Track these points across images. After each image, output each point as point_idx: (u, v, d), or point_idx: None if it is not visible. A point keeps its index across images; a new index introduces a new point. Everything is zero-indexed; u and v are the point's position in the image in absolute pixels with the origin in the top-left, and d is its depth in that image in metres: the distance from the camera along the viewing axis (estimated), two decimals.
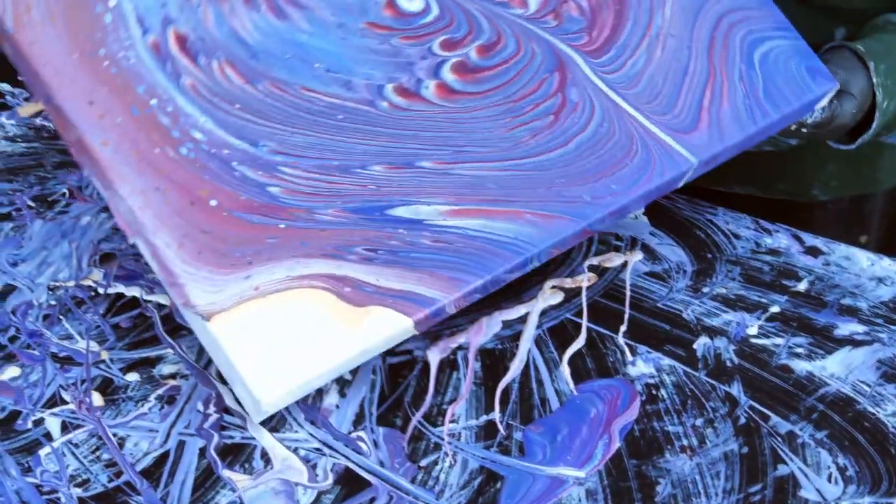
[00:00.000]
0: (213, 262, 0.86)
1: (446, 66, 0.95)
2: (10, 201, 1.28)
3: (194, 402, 0.99)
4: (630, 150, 0.98)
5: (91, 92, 0.84)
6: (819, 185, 1.43)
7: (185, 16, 0.88)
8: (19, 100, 1.50)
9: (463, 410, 0.99)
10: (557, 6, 0.99)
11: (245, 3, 0.89)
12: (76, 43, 0.85)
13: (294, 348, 0.86)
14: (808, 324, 1.08)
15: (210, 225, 0.86)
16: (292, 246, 0.88)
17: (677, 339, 1.06)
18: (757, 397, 1.00)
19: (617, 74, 1.00)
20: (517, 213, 0.94)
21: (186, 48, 0.88)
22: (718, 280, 1.14)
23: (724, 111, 1.02)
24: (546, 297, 1.11)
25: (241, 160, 0.88)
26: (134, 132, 0.85)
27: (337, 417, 0.98)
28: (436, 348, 1.04)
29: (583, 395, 1.00)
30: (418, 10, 0.94)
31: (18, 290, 1.14)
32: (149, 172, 0.85)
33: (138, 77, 0.86)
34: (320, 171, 0.90)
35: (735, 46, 1.04)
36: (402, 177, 0.92)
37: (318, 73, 0.91)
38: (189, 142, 0.86)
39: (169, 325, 1.08)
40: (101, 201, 1.28)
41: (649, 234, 1.21)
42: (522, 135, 0.96)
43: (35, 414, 0.99)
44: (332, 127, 0.91)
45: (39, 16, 0.84)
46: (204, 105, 0.87)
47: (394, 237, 0.91)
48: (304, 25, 0.91)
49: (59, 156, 1.38)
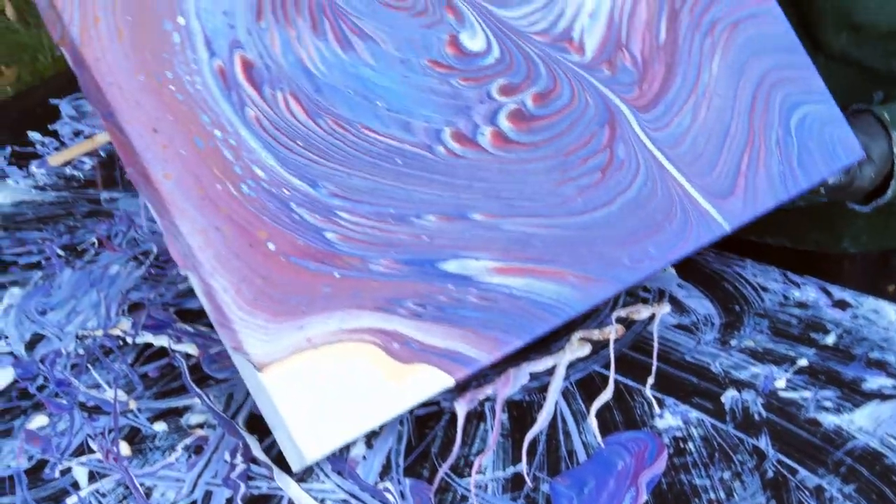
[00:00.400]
0: (268, 310, 0.85)
1: (503, 112, 0.95)
2: (39, 250, 1.29)
3: (221, 452, 0.99)
4: (670, 214, 0.99)
5: (156, 119, 0.83)
6: (849, 237, 1.43)
7: (253, 40, 0.87)
8: (49, 149, 1.51)
9: (490, 462, 0.99)
10: (612, 55, 0.99)
11: (312, 30, 0.89)
12: (143, 63, 0.83)
13: (341, 404, 0.87)
14: (836, 377, 1.08)
15: (268, 270, 0.86)
16: (345, 296, 0.88)
17: (705, 392, 1.06)
18: (785, 451, 1.00)
19: (663, 132, 1.00)
20: (560, 274, 0.95)
21: (252, 76, 0.87)
22: (746, 333, 1.14)
23: (759, 177, 1.03)
24: (574, 349, 1.10)
25: (301, 202, 0.87)
26: (197, 166, 0.84)
27: (364, 468, 0.98)
28: (463, 400, 1.04)
29: (610, 448, 1.00)
30: (480, 49, 0.94)
31: (47, 338, 1.14)
32: (209, 210, 0.84)
33: (203, 105, 0.85)
34: (376, 219, 0.90)
35: (774, 109, 1.04)
36: (453, 229, 0.92)
37: (379, 113, 0.90)
38: (250, 178, 0.86)
39: (197, 375, 1.09)
40: (130, 251, 1.29)
41: (677, 287, 1.20)
42: (570, 192, 0.96)
43: (62, 463, 0.99)
44: (390, 171, 0.90)
45: (106, 29, 0.82)
46: (267, 140, 0.87)
47: (442, 292, 0.91)
48: (368, 59, 0.91)
49: (88, 205, 1.38)
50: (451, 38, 0.93)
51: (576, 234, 0.96)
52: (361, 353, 0.88)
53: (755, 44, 1.05)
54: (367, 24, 0.90)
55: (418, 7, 0.92)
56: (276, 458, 0.99)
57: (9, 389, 1.08)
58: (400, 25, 0.92)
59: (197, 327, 1.15)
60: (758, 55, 1.05)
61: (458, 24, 0.93)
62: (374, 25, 0.90)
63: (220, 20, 0.86)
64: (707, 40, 1.03)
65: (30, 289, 1.22)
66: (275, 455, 0.99)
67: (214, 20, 0.86)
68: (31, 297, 1.21)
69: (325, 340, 0.87)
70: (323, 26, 0.89)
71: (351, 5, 0.90)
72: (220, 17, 0.85)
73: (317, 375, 0.86)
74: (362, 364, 0.88)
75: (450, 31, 0.93)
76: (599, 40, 0.99)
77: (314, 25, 0.89)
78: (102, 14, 0.82)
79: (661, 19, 1.01)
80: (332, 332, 0.87)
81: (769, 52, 1.06)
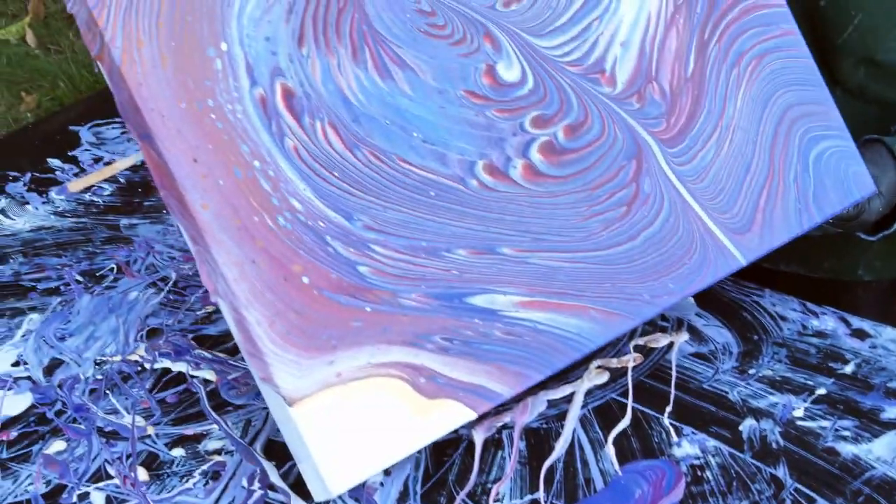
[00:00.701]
0: (300, 345, 0.85)
1: (535, 145, 0.95)
2: (58, 276, 1.30)
3: (239, 479, 1.00)
4: (690, 250, 0.99)
5: (196, 148, 0.82)
6: (863, 265, 1.43)
7: (294, 67, 0.86)
8: (69, 175, 1.52)
9: (507, 489, 0.98)
10: (642, 87, 0.99)
11: (352, 57, 0.89)
12: (185, 90, 0.83)
13: (368, 439, 0.87)
14: (854, 407, 1.08)
15: (301, 304, 0.86)
16: (375, 331, 0.88)
17: (723, 421, 1.06)
18: (802, 480, 0.99)
19: (688, 167, 1.00)
20: (583, 309, 0.95)
21: (292, 105, 0.86)
22: (765, 362, 1.14)
23: (776, 214, 1.03)
24: (592, 377, 1.10)
25: (335, 235, 0.87)
26: (235, 197, 0.84)
27: (381, 495, 0.98)
28: (481, 427, 1.04)
29: (627, 476, 1.00)
30: (515, 80, 0.95)
31: (66, 364, 1.14)
32: (246, 242, 0.84)
33: (244, 134, 0.84)
34: (409, 252, 0.90)
35: (794, 145, 1.05)
36: (482, 263, 0.92)
37: (415, 144, 0.90)
38: (287, 210, 0.86)
39: (214, 401, 1.09)
40: (149, 277, 1.29)
41: (696, 315, 1.20)
42: (596, 226, 0.97)
43: (80, 488, 0.99)
44: (424, 204, 0.91)
45: (150, 55, 0.81)
46: (305, 171, 0.86)
47: (469, 327, 0.92)
48: (406, 89, 0.90)
49: (107, 231, 1.39)
50: (488, 67, 0.93)
51: (600, 269, 0.96)
52: (389, 388, 0.88)
53: (779, 77, 1.05)
54: (407, 53, 0.90)
55: (457, 36, 0.92)
56: (293, 485, 0.99)
57: (27, 414, 1.08)
58: (438, 54, 0.92)
59: (215, 353, 1.15)
60: (781, 89, 1.05)
61: (494, 54, 0.93)
62: (413, 54, 0.90)
63: (263, 46, 0.85)
64: (734, 72, 1.03)
65: (49, 314, 1.23)
66: (292, 481, 0.99)
67: (257, 46, 0.85)
68: (49, 322, 1.21)
69: (354, 376, 0.87)
70: (363, 54, 0.89)
71: (392, 33, 0.90)
72: (263, 43, 0.85)
73: (345, 410, 0.86)
74: (390, 399, 0.88)
75: (486, 60, 0.93)
76: (631, 72, 0.99)
77: (354, 53, 0.89)
78: (146, 38, 0.81)
79: (690, 49, 1.01)
80: (361, 367, 0.87)
81: (792, 86, 1.06)
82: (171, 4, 0.81)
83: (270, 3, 0.84)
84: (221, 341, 1.17)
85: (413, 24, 0.90)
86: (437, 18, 0.91)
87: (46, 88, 3.21)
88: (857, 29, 1.17)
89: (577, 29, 0.97)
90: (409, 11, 0.90)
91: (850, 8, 1.17)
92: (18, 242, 1.38)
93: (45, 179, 1.52)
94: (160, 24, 0.81)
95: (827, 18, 1.18)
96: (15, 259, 1.34)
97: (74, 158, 1.58)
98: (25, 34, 3.38)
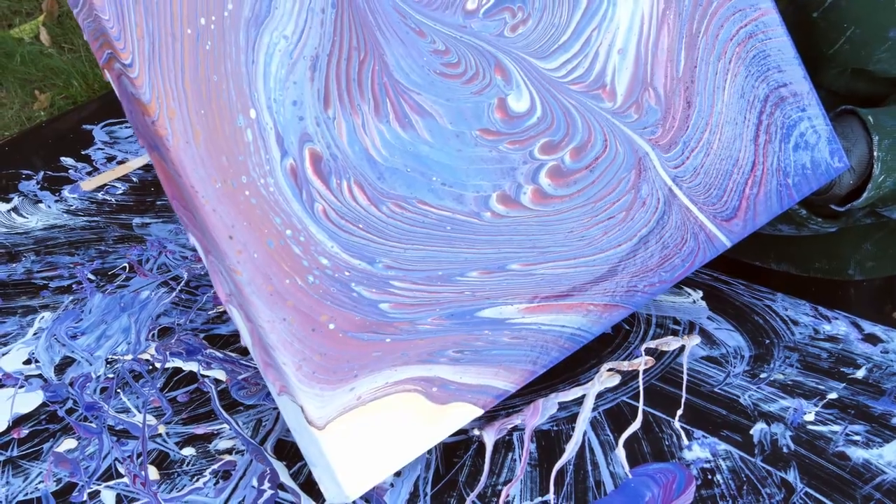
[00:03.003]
0: (324, 381, 0.87)
1: (543, 170, 0.96)
2: (70, 274, 1.30)
3: (249, 478, 1.00)
4: (681, 241, 1.03)
5: (231, 227, 0.82)
6: (855, 265, 1.44)
7: (321, 131, 0.86)
8: (82, 174, 1.52)
9: (518, 491, 0.98)
10: (639, 96, 1.00)
11: (375, 112, 0.89)
12: (220, 169, 0.82)
13: (383, 449, 0.90)
14: (865, 411, 1.07)
15: (327, 348, 0.87)
16: (394, 357, 0.91)
17: (734, 425, 1.06)
18: (813, 484, 0.99)
19: (682, 168, 1.02)
20: (584, 306, 0.99)
21: (320, 169, 0.86)
22: (776, 366, 1.13)
23: (759, 199, 1.07)
24: (603, 380, 1.10)
25: (359, 280, 0.89)
26: (267, 265, 0.84)
27: (391, 496, 0.98)
28: (491, 429, 1.04)
29: (638, 479, 0.99)
30: (525, 110, 0.96)
31: (77, 362, 1.15)
32: (277, 304, 0.85)
33: (276, 207, 0.85)
34: (426, 283, 0.92)
35: (776, 131, 1.07)
36: (493, 281, 0.95)
37: (434, 187, 0.92)
38: (316, 269, 0.87)
39: (225, 401, 1.09)
40: (161, 276, 1.30)
41: (707, 319, 1.20)
42: (596, 233, 0.99)
43: (91, 486, 0.99)
44: (441, 238, 0.92)
45: (182, 128, 0.80)
46: (332, 230, 0.87)
47: (480, 338, 0.94)
48: (426, 136, 0.91)
49: (119, 230, 1.39)
50: (500, 101, 0.94)
51: (600, 270, 0.99)
52: (404, 402, 0.91)
53: (760, 63, 1.07)
54: (426, 99, 0.91)
55: (469, 72, 0.93)
56: (303, 485, 0.99)
57: (38, 412, 1.08)
58: (454, 96, 0.92)
59: (226, 353, 1.15)
60: (763, 76, 1.07)
61: (505, 86, 0.94)
62: (431, 99, 0.91)
63: (290, 112, 0.85)
64: (720, 64, 1.04)
65: (61, 313, 1.23)
66: (302, 481, 0.99)
67: (285, 113, 0.85)
68: (61, 320, 1.21)
69: (373, 396, 0.89)
70: (385, 107, 0.89)
71: (410, 80, 0.90)
72: (290, 108, 0.85)
73: (361, 423, 0.89)
74: (404, 409, 0.91)
75: (498, 94, 0.94)
76: (629, 80, 1.00)
77: (377, 108, 0.89)
78: (176, 105, 0.80)
79: (680, 46, 1.02)
80: (379, 388, 0.90)
81: (771, 70, 1.08)
82: (195, 61, 0.81)
83: (294, 59, 0.84)
84: (232, 341, 1.17)
85: (429, 66, 0.91)
86: (451, 56, 0.92)
87: (60, 87, 3.21)
88: (849, 41, 1.18)
89: (578, 44, 0.98)
90: (426, 54, 0.91)
91: (842, 21, 1.18)
92: (31, 241, 1.38)
93: (58, 178, 1.52)
94: (187, 84, 0.80)
95: (819, 30, 1.19)
96: (27, 257, 1.34)
97: (87, 157, 1.59)
98: (39, 33, 3.39)
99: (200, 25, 0.80)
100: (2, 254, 1.35)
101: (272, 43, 0.83)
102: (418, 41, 0.90)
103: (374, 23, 0.88)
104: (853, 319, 1.20)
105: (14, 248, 1.36)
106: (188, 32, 0.80)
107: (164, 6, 0.78)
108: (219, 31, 0.81)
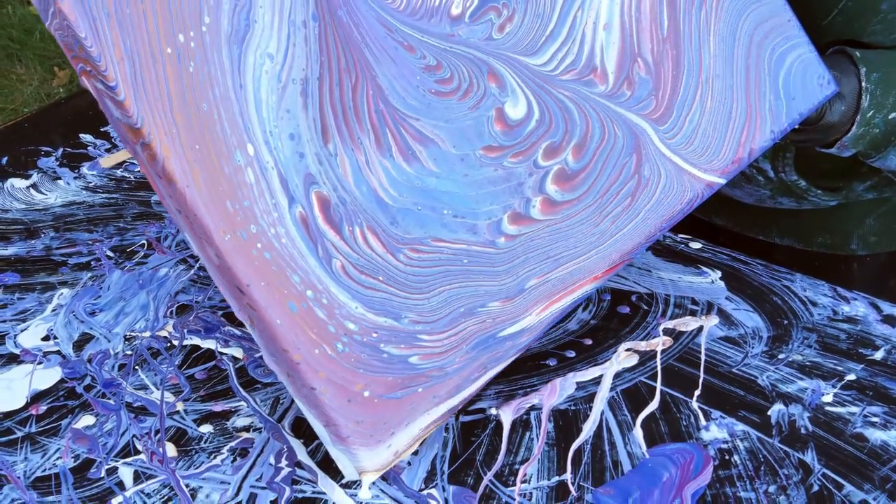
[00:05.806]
0: (359, 443, 0.88)
1: (549, 177, 0.96)
2: (89, 251, 1.30)
3: (266, 456, 1.00)
4: (683, 198, 1.02)
5: (248, 286, 0.80)
6: (858, 239, 1.43)
7: (325, 170, 0.84)
8: (101, 151, 1.52)
9: (535, 470, 0.98)
10: (629, 71, 0.99)
11: (377, 147, 0.87)
12: (226, 217, 0.78)
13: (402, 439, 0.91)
14: (884, 393, 1.07)
15: (362, 415, 0.87)
16: (427, 402, 0.91)
17: (752, 405, 1.05)
18: (831, 465, 0.99)
19: (678, 137, 1.01)
20: (591, 280, 0.99)
21: (330, 216, 0.84)
22: (794, 347, 1.13)
23: (755, 140, 1.06)
24: (621, 360, 1.10)
25: (388, 340, 0.88)
26: (293, 332, 0.83)
27: (408, 474, 0.98)
28: (509, 408, 1.04)
29: (655, 459, 0.99)
30: (523, 115, 0.94)
31: (95, 339, 1.15)
32: (309, 375, 0.84)
33: (293, 264, 0.82)
34: (451, 326, 0.92)
35: (764, 74, 1.06)
36: (513, 305, 0.95)
37: (446, 222, 0.91)
38: (344, 335, 0.85)
39: (243, 378, 1.09)
40: (179, 253, 1.30)
41: (725, 300, 1.20)
42: (606, 225, 0.99)
43: (108, 463, 0.99)
44: (459, 273, 0.92)
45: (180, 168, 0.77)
46: (354, 288, 0.86)
47: (502, 352, 0.95)
48: (431, 167, 0.90)
49: (138, 207, 1.39)
50: (497, 112, 0.93)
51: (607, 249, 0.99)
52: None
53: (739, 2, 1.05)
54: (426, 125, 0.89)
55: (464, 85, 0.91)
56: (320, 462, 0.99)
57: (56, 389, 1.09)
58: (452, 116, 0.91)
59: (244, 330, 1.15)
60: (743, 16, 1.05)
61: (500, 93, 0.93)
62: (431, 124, 0.89)
63: (289, 147, 0.82)
64: (702, 13, 1.02)
65: (79, 289, 1.23)
66: (319, 459, 0.99)
67: (284, 149, 0.81)
68: (80, 297, 1.21)
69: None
70: (386, 139, 0.87)
71: (406, 105, 0.88)
72: (288, 143, 0.81)
73: None
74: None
75: (495, 103, 0.93)
76: (617, 56, 0.99)
77: (378, 140, 0.87)
78: (170, 142, 0.76)
79: (662, 5, 1.01)
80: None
81: (751, 5, 1.06)
82: (180, 89, 0.77)
83: (283, 83, 0.81)
84: None
85: (424, 86, 0.89)
86: (444, 71, 0.90)
87: None
88: (843, 12, 1.17)
89: (565, 29, 0.96)
90: (418, 73, 0.89)
91: None
92: (50, 217, 1.38)
93: (77, 155, 1.53)
94: (177, 116, 0.76)
95: (812, 0, 1.18)
96: (46, 234, 1.34)
97: (106, 134, 1.59)
98: None
99: (180, 43, 0.76)
100: (21, 230, 1.36)
101: (257, 64, 0.79)
102: (408, 57, 0.88)
103: (360, 38, 0.85)
104: (872, 300, 1.20)
105: (33, 225, 1.37)
106: (168, 52, 0.76)
107: (138, 21, 0.74)
108: (199, 48, 0.77)
